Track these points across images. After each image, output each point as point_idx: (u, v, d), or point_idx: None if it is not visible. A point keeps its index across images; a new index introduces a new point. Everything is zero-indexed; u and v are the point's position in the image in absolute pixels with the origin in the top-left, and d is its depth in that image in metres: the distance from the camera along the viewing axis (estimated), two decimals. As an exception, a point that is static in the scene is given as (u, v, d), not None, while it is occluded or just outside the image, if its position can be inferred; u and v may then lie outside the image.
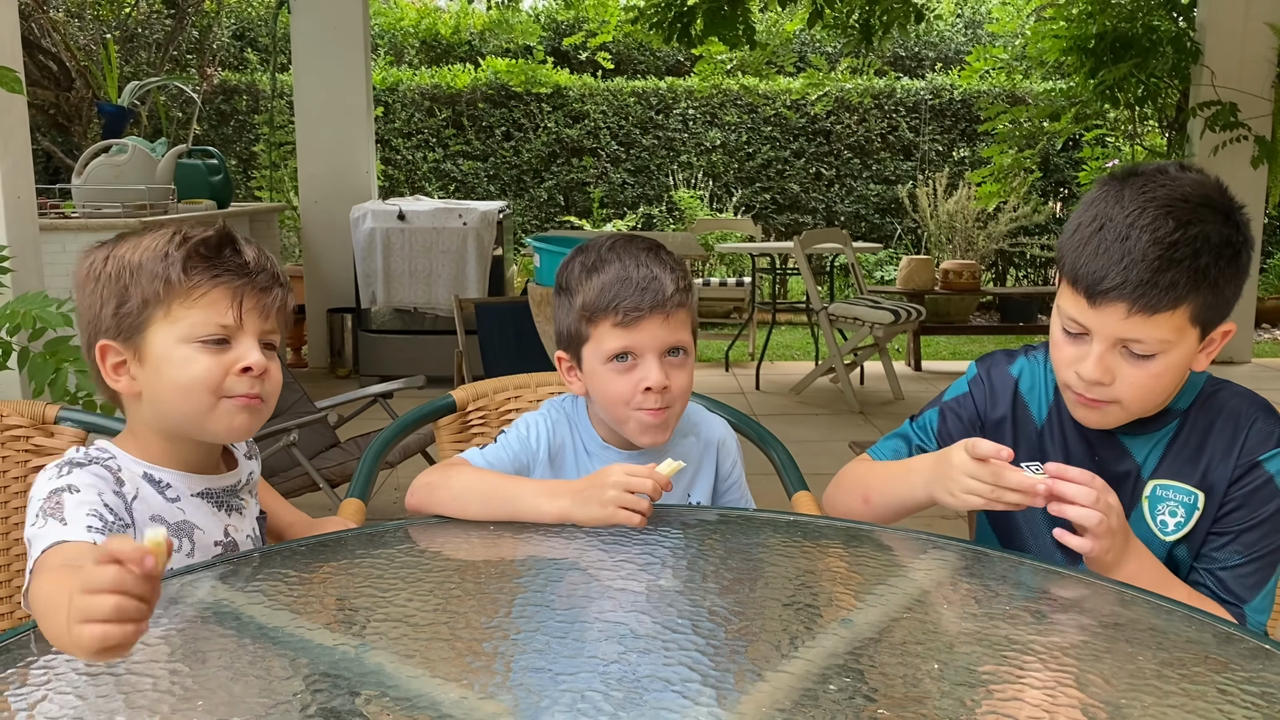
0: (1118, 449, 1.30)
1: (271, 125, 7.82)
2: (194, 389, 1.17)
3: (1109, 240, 1.16)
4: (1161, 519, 1.28)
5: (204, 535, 1.23)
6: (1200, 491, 1.27)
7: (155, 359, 1.17)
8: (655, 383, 1.35)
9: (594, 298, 1.36)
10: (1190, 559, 1.28)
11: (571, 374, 1.44)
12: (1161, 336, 1.17)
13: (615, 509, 1.22)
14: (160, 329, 1.17)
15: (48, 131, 7.45)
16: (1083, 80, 6.62)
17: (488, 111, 9.46)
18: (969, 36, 10.46)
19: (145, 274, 1.16)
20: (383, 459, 1.74)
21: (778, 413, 5.43)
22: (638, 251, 1.39)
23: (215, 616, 1.05)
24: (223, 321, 1.17)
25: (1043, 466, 1.16)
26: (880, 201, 9.57)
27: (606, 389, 1.38)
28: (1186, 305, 1.15)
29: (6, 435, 1.54)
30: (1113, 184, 1.21)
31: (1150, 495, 1.29)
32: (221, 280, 1.17)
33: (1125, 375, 1.20)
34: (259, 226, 5.82)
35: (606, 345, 1.36)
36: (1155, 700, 0.88)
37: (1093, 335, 1.20)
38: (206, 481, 1.26)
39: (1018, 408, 1.38)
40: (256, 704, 0.86)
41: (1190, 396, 1.29)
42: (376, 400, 3.60)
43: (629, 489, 1.22)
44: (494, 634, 1.03)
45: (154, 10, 8.23)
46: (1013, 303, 7.90)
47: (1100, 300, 1.17)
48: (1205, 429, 1.28)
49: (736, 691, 0.90)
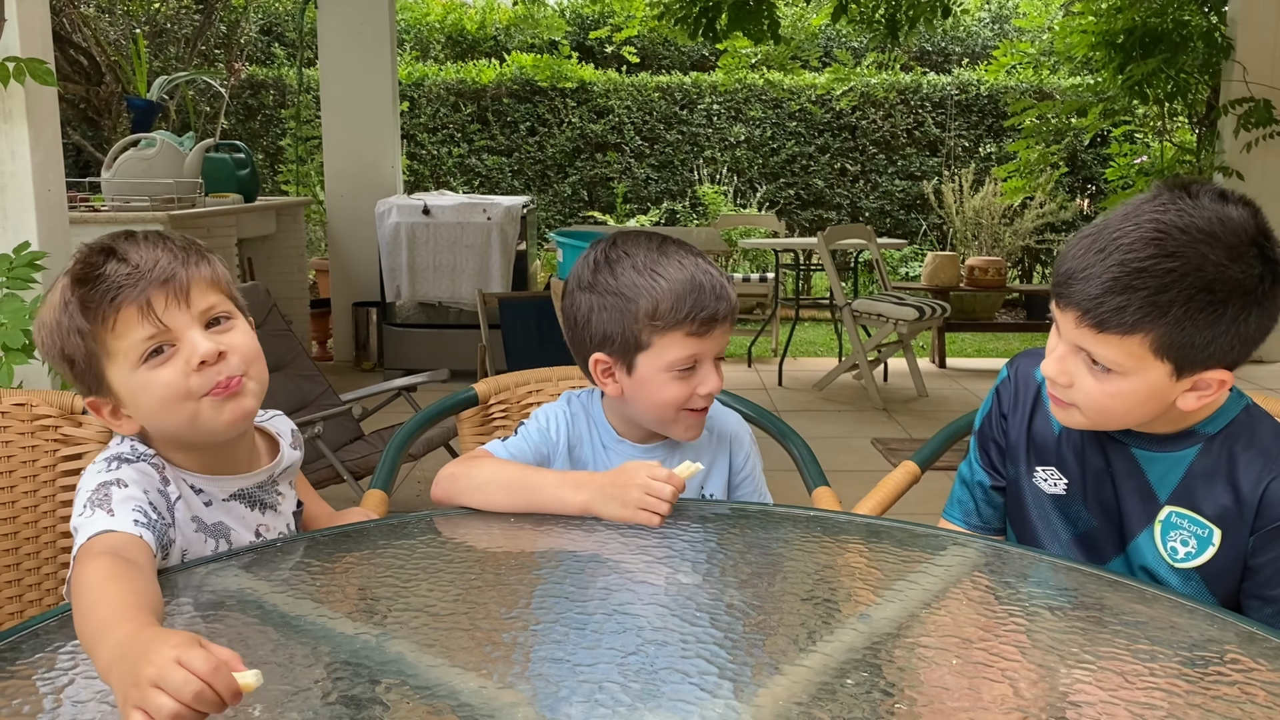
0: (1132, 465, 1.27)
1: (298, 120, 7.87)
2: (167, 406, 1.15)
3: (1091, 247, 1.14)
4: (1172, 545, 1.25)
5: (239, 536, 1.24)
6: (1217, 529, 1.22)
7: (126, 395, 1.16)
8: (715, 387, 1.36)
9: (666, 306, 1.32)
10: (1208, 595, 1.24)
11: (608, 376, 1.39)
12: (1112, 357, 1.14)
13: (636, 509, 1.22)
14: (112, 369, 1.15)
15: (78, 125, 7.53)
16: (1111, 76, 6.56)
17: (512, 106, 9.48)
18: (996, 31, 10.38)
19: (62, 333, 1.14)
20: (405, 451, 1.75)
21: (800, 409, 5.42)
22: (695, 256, 1.36)
23: (239, 605, 1.07)
24: (147, 335, 1.13)
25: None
26: (905, 197, 9.52)
27: (660, 394, 1.36)
28: (1142, 335, 1.11)
29: (35, 425, 1.56)
30: (1152, 191, 1.17)
31: (1164, 520, 1.25)
32: (120, 296, 1.12)
33: (1082, 383, 1.19)
34: (285, 220, 5.86)
35: (673, 354, 1.33)
36: (1176, 698, 0.88)
37: (1061, 333, 1.20)
38: (239, 482, 1.26)
39: (1037, 412, 1.36)
40: (278, 690, 0.87)
41: (1220, 423, 1.23)
42: (400, 393, 3.62)
43: (650, 491, 1.22)
44: (513, 624, 1.03)
45: (183, 6, 8.30)
46: (1039, 300, 7.83)
47: (1059, 301, 1.17)
48: (1230, 462, 1.22)
49: (754, 685, 0.90)
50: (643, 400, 1.38)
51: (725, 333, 1.36)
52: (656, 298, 1.32)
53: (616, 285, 1.35)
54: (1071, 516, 1.33)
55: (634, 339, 1.34)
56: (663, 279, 1.33)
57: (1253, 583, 1.23)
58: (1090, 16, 6.75)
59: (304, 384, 3.66)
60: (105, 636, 0.85)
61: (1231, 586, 1.24)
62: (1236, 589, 1.24)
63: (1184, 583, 1.25)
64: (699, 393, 1.36)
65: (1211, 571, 1.24)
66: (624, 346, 1.36)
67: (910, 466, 1.64)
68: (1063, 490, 1.33)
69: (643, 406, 1.39)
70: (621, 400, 1.42)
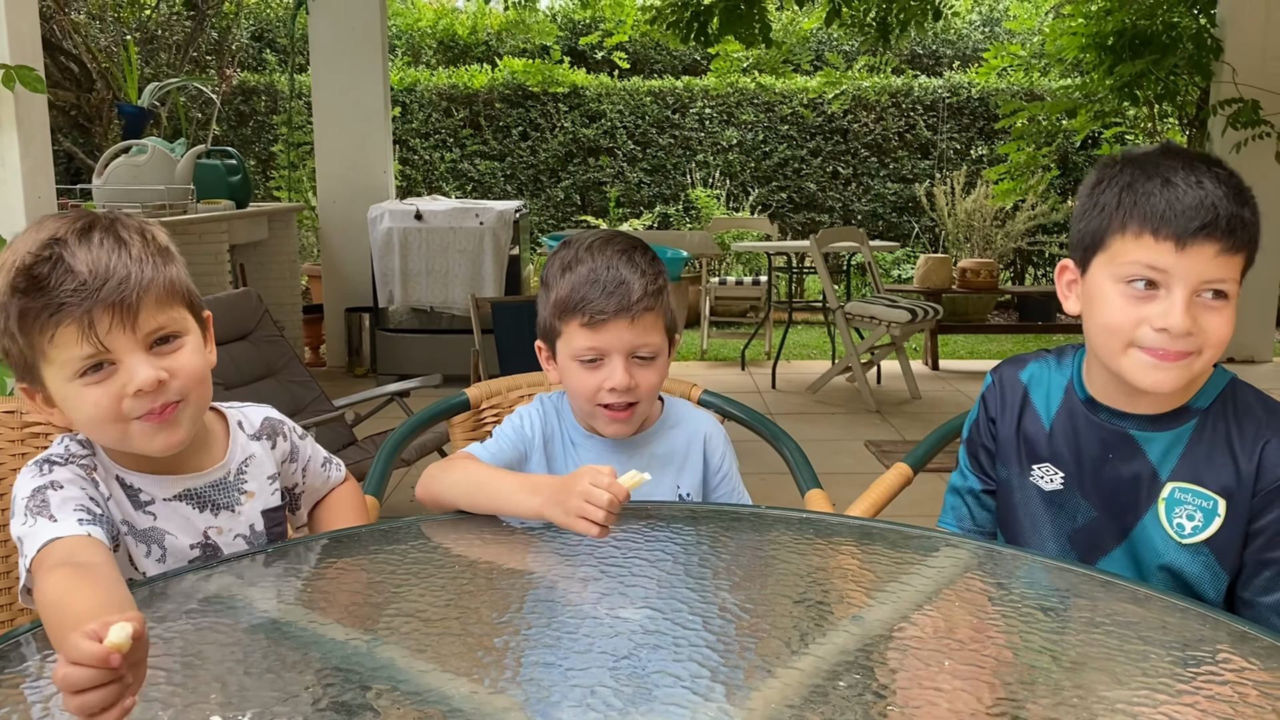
0: (1132, 447, 1.28)
1: (290, 126, 7.86)
2: (96, 424, 1.12)
3: (1183, 184, 1.15)
4: (1178, 522, 1.26)
5: (176, 540, 1.18)
6: (1221, 499, 1.24)
7: (57, 398, 1.12)
8: (619, 384, 1.39)
9: (564, 296, 1.40)
10: (1219, 568, 1.25)
11: (549, 364, 1.49)
12: (1235, 276, 1.17)
13: (576, 517, 1.19)
14: (48, 371, 1.10)
15: (69, 132, 7.51)
16: (1101, 77, 6.58)
17: (504, 111, 9.48)
18: (987, 34, 10.41)
19: (1, 328, 1.08)
20: (397, 456, 1.75)
21: (794, 411, 5.42)
22: (612, 253, 1.41)
23: (229, 611, 1.06)
24: (86, 355, 1.07)
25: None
26: (897, 200, 9.53)
27: (574, 383, 1.43)
28: (1249, 249, 1.17)
29: (25, 433, 1.55)
30: (1130, 157, 1.22)
31: (1168, 498, 1.26)
32: (61, 313, 1.05)
33: (1207, 323, 1.17)
34: (277, 226, 5.85)
35: (575, 344, 1.40)
36: (1169, 699, 0.88)
37: (1173, 283, 1.15)
38: (186, 482, 1.21)
39: (1025, 411, 1.37)
40: (268, 697, 0.87)
41: (1211, 396, 1.27)
42: (393, 399, 3.61)
43: (589, 499, 1.18)
44: (505, 629, 1.03)
45: (174, 12, 8.28)
46: (1031, 302, 7.85)
47: (1190, 242, 1.14)
48: (1226, 433, 1.25)
49: (746, 687, 0.90)
50: (567, 390, 1.47)
51: (628, 329, 1.38)
52: (559, 288, 1.41)
53: (547, 275, 1.46)
54: (1070, 510, 1.33)
55: (552, 326, 1.44)
56: (572, 271, 1.40)
57: (1255, 547, 1.24)
58: (1080, 19, 6.77)
59: (296, 390, 3.65)
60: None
61: (1240, 558, 1.25)
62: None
63: (1193, 559, 1.26)
64: (605, 387, 1.39)
65: (1220, 544, 1.25)
66: (546, 333, 1.47)
67: (903, 468, 1.64)
68: (1060, 485, 1.33)
69: (570, 397, 1.48)
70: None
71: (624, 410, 1.41)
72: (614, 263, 1.39)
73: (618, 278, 1.38)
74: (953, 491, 1.48)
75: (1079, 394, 1.33)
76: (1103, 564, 1.31)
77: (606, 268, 1.39)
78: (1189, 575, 1.27)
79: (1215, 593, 1.27)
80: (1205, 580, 1.27)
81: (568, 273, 1.41)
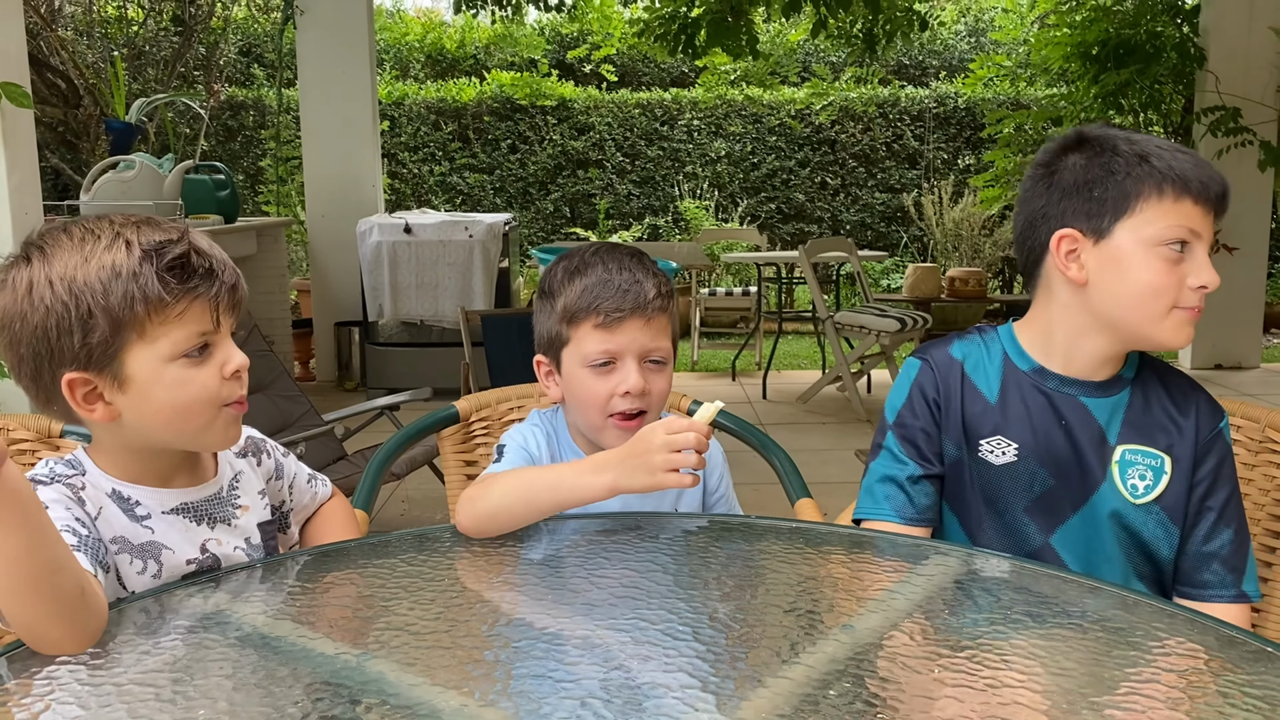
0: (1082, 412, 1.32)
1: (278, 140, 7.86)
2: (195, 407, 1.12)
3: (1185, 154, 1.24)
4: (1131, 483, 1.31)
5: (174, 555, 1.17)
6: (1167, 456, 1.31)
7: (140, 384, 1.10)
8: (634, 386, 1.35)
9: (575, 299, 1.37)
10: (1170, 524, 1.31)
11: (550, 379, 1.44)
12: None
13: (664, 474, 1.15)
14: (138, 351, 1.09)
15: (56, 149, 7.49)
16: (1086, 86, 6.63)
17: (493, 124, 9.50)
18: (973, 44, 10.47)
19: (114, 297, 1.06)
20: (387, 470, 1.75)
21: (785, 421, 5.43)
22: (621, 256, 1.40)
23: (217, 626, 1.06)
24: (204, 330, 1.12)
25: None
26: (886, 210, 9.57)
27: (584, 392, 1.38)
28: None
29: (13, 450, 1.54)
30: (1094, 133, 1.31)
31: (1120, 460, 1.31)
32: (199, 292, 1.11)
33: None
34: (266, 241, 5.84)
35: (587, 348, 1.37)
36: (1156, 703, 0.88)
37: (1200, 239, 1.24)
38: (183, 495, 1.21)
39: (965, 388, 1.37)
40: (257, 712, 0.86)
41: (1133, 368, 1.35)
42: (383, 413, 3.61)
43: (673, 448, 1.14)
44: (495, 642, 1.03)
45: (161, 28, 8.28)
46: (1020, 309, 7.86)
47: (1210, 201, 1.23)
48: (1159, 395, 1.34)
49: (736, 697, 0.90)
50: (574, 402, 1.41)
51: (642, 330, 1.36)
52: (569, 292, 1.38)
53: (548, 286, 1.43)
54: (1025, 481, 1.33)
55: (556, 335, 1.40)
56: (580, 276, 1.38)
57: (1196, 496, 1.32)
58: (1065, 29, 6.82)
59: (286, 405, 3.65)
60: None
61: (1185, 511, 1.33)
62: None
63: (1146, 517, 1.31)
64: (618, 392, 1.35)
65: (1169, 500, 1.31)
66: (550, 344, 1.42)
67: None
68: (1014, 456, 1.33)
69: (576, 410, 1.42)
70: (566, 408, 1.45)
71: (635, 419, 1.36)
72: (625, 265, 1.38)
73: (632, 277, 1.37)
74: (886, 481, 1.39)
75: (1021, 365, 1.36)
76: (1061, 531, 1.33)
77: (619, 269, 1.37)
78: (1145, 535, 1.32)
79: (1169, 549, 1.33)
80: (1160, 539, 1.32)
81: (576, 278, 1.38)
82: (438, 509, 3.87)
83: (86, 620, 0.98)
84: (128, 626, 1.03)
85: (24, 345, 1.08)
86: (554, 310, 1.40)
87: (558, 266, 1.43)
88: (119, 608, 1.06)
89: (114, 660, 0.96)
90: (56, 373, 1.09)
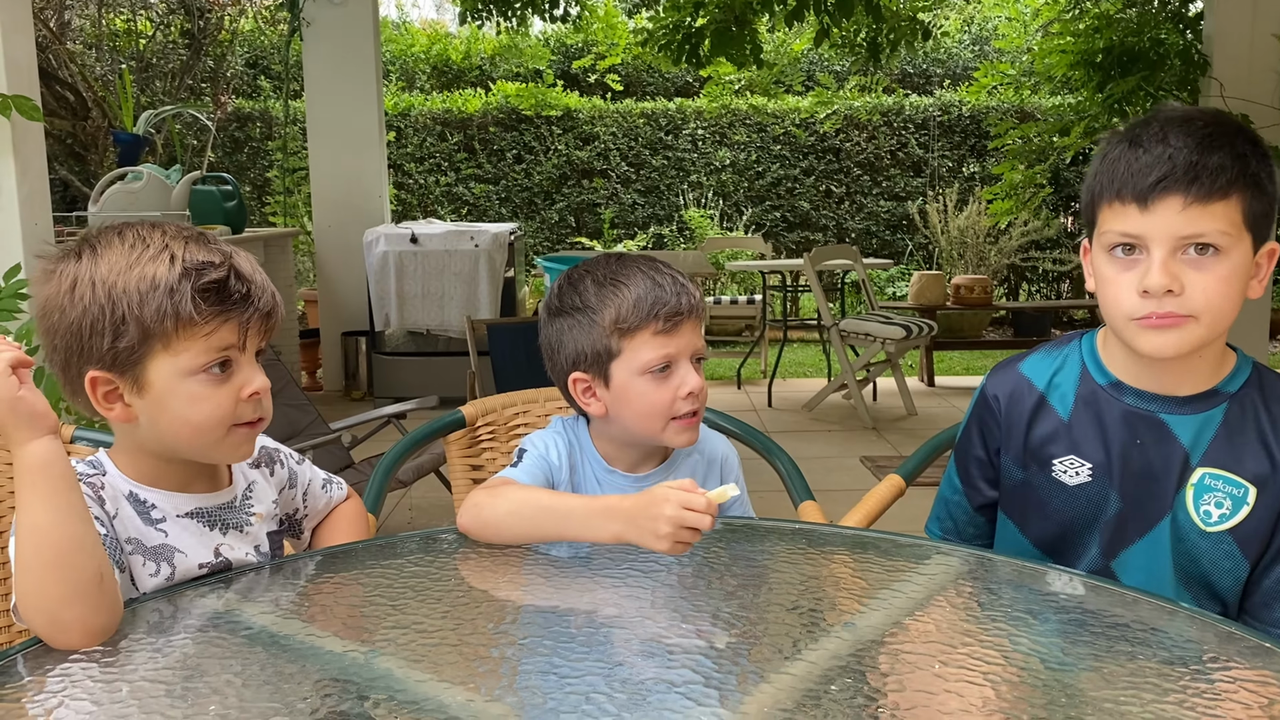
0: (1161, 430, 1.24)
1: (285, 151, 7.90)
2: (206, 425, 1.14)
3: (1147, 144, 1.15)
4: (1205, 509, 1.23)
5: (186, 559, 1.18)
6: (1252, 486, 1.22)
7: (158, 392, 1.12)
8: (695, 386, 1.36)
9: (629, 310, 1.34)
10: (1241, 557, 1.23)
11: (590, 395, 1.40)
12: (1220, 228, 1.13)
13: (671, 543, 1.14)
14: (160, 361, 1.11)
15: (65, 161, 7.54)
16: (1090, 94, 6.63)
17: (499, 135, 9.53)
18: (976, 53, 10.49)
19: (149, 309, 1.09)
20: (393, 475, 1.76)
21: (790, 429, 5.43)
22: (654, 264, 1.40)
23: (227, 625, 1.07)
24: (225, 346, 1.13)
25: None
26: (890, 218, 9.57)
27: (643, 402, 1.36)
28: (1236, 195, 1.13)
29: (24, 454, 1.56)
30: (1129, 126, 1.21)
31: (1197, 483, 1.24)
32: (230, 315, 1.13)
33: (1194, 283, 1.14)
34: (273, 251, 5.87)
35: (644, 356, 1.34)
36: (1156, 700, 0.89)
37: (1149, 245, 1.15)
38: (198, 501, 1.22)
39: (1039, 410, 1.32)
40: (267, 708, 0.88)
41: (1240, 380, 1.24)
42: (390, 421, 3.62)
43: (684, 524, 1.14)
44: (501, 639, 1.04)
45: (170, 41, 8.34)
46: (1026, 317, 7.88)
47: (1152, 200, 1.13)
48: (1258, 418, 1.23)
49: (739, 693, 0.91)
50: (627, 413, 1.38)
51: (694, 331, 1.37)
52: (619, 303, 1.35)
53: (581, 302, 1.38)
54: (1098, 502, 1.28)
55: (605, 349, 1.36)
56: (623, 285, 1.36)
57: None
58: (1068, 37, 6.83)
59: (293, 413, 3.67)
60: None
61: (1264, 548, 1.24)
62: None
63: (1214, 546, 1.24)
64: (680, 394, 1.35)
65: (1245, 533, 1.22)
66: (596, 359, 1.37)
67: (895, 480, 1.66)
68: (1088, 477, 1.29)
69: (629, 420, 1.38)
70: (607, 420, 1.41)
71: (694, 416, 1.38)
72: (663, 271, 1.38)
73: (676, 282, 1.37)
74: (944, 501, 1.47)
75: (1099, 379, 1.29)
76: (1125, 555, 1.28)
77: (660, 276, 1.37)
78: (1206, 563, 1.24)
79: (1234, 581, 1.25)
80: (1225, 570, 1.24)
81: (620, 290, 1.36)
82: (444, 517, 3.88)
83: (101, 607, 1.00)
84: (140, 625, 1.05)
85: (59, 336, 1.12)
86: (596, 324, 1.36)
87: (582, 282, 1.39)
88: (131, 607, 1.08)
89: (126, 658, 0.98)
90: (82, 368, 1.12)
